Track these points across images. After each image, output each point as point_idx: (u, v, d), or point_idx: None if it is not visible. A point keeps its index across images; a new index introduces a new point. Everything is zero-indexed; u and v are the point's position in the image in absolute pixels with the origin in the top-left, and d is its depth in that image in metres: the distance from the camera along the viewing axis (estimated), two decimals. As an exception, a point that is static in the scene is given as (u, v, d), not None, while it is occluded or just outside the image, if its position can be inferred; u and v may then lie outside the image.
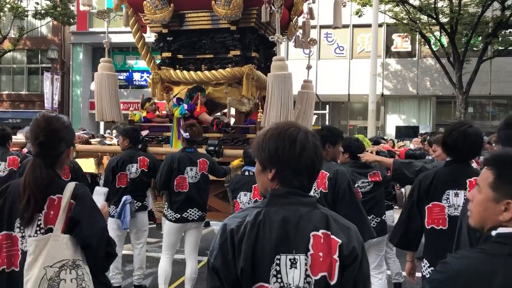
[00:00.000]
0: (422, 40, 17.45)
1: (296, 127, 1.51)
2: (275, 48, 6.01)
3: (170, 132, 5.56)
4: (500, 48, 16.99)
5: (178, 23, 5.74)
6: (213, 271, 1.45)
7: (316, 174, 1.54)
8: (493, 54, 17.32)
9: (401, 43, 20.85)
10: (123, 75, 22.60)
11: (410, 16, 16.80)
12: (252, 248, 1.41)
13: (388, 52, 21.06)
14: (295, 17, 6.39)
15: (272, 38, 4.96)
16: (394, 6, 17.04)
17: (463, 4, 15.76)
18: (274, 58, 5.00)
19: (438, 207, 2.65)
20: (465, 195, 2.59)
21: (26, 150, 5.53)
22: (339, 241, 1.42)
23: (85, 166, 5.04)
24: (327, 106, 19.04)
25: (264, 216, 1.45)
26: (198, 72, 5.66)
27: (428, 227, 2.67)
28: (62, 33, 23.37)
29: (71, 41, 23.17)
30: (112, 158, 4.99)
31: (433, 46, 17.14)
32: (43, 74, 21.35)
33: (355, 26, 20.51)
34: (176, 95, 5.75)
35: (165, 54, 5.84)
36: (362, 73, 18.78)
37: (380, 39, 18.81)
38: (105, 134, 9.92)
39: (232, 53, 5.60)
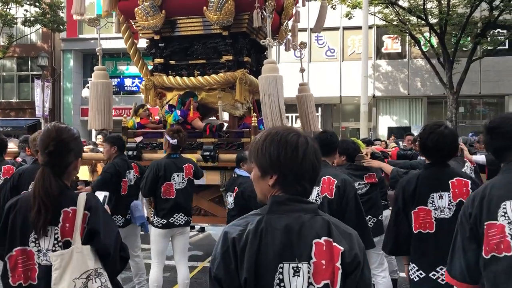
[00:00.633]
0: (412, 41, 17.57)
1: (295, 132, 1.49)
2: (267, 52, 6.03)
3: (163, 139, 5.54)
4: (489, 48, 17.16)
5: (169, 29, 5.74)
6: (215, 280, 1.42)
7: (317, 178, 1.54)
8: (482, 54, 17.49)
9: (391, 44, 20.98)
10: (114, 81, 22.47)
11: (400, 18, 16.92)
12: (255, 256, 1.39)
13: (379, 54, 21.19)
14: (286, 21, 6.42)
15: (264, 42, 4.99)
16: (384, 8, 17.16)
17: (452, 5, 15.91)
18: (265, 61, 5.03)
19: (424, 211, 2.62)
20: (449, 197, 2.59)
21: (20, 159, 5.49)
22: (341, 248, 1.41)
23: (79, 174, 5.01)
24: (319, 109, 19.11)
25: (266, 223, 1.43)
26: (191, 78, 5.66)
27: (415, 231, 2.63)
28: (52, 40, 23.25)
29: (61, 48, 23.06)
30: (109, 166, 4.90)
31: (423, 47, 17.27)
32: (33, 82, 21.21)
33: (345, 28, 20.62)
34: (169, 101, 5.74)
35: (157, 60, 5.84)
36: (353, 75, 18.88)
37: (370, 41, 18.91)
38: (97, 141, 9.88)
39: (224, 58, 5.61)
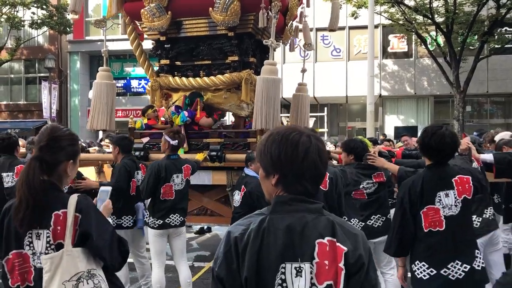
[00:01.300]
0: (418, 40, 17.47)
1: (298, 131, 1.48)
2: (270, 52, 6.02)
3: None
4: (496, 46, 17.03)
5: (175, 31, 5.76)
6: (217, 280, 1.42)
7: (321, 178, 1.51)
8: (489, 53, 17.36)
9: (398, 43, 20.89)
10: (121, 83, 22.61)
11: (406, 17, 16.83)
12: (256, 256, 1.39)
13: (385, 53, 21.10)
14: (290, 21, 6.43)
15: (266, 42, 4.99)
16: (390, 7, 17.08)
17: (459, 4, 15.80)
18: (266, 62, 5.03)
19: (433, 210, 2.69)
20: (454, 194, 2.69)
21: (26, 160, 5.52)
22: (345, 249, 1.39)
23: (85, 174, 5.03)
24: (325, 108, 19.04)
25: (268, 223, 1.42)
26: (197, 78, 5.69)
27: (426, 230, 2.70)
28: (59, 42, 23.39)
29: (68, 50, 23.20)
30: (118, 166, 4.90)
31: (429, 46, 17.17)
32: (40, 84, 21.37)
33: (351, 28, 20.56)
34: (175, 101, 5.77)
35: (163, 61, 5.87)
36: (359, 75, 18.83)
37: (376, 40, 18.84)
38: (102, 143, 9.90)
39: (230, 58, 5.63)
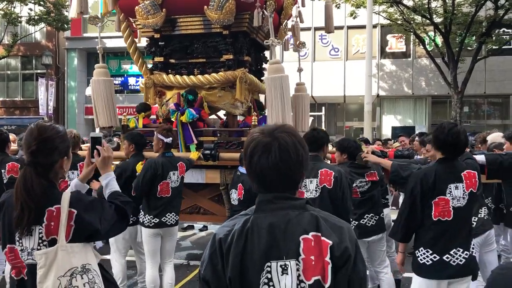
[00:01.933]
0: (417, 40, 17.49)
1: (261, 132, 1.46)
2: (267, 52, 6.03)
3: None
4: (494, 47, 17.04)
5: (170, 28, 5.74)
6: (204, 282, 1.43)
7: (292, 178, 1.46)
8: (487, 53, 17.38)
9: (396, 43, 20.90)
10: (118, 80, 22.55)
11: (404, 17, 16.83)
12: (240, 256, 1.38)
13: (383, 53, 21.11)
14: (285, 20, 6.42)
15: (267, 42, 4.98)
16: (388, 7, 17.08)
17: (457, 4, 15.81)
18: (270, 61, 5.02)
19: (444, 201, 2.90)
20: (463, 187, 2.91)
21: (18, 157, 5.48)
22: (330, 242, 1.38)
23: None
24: (323, 108, 19.06)
25: (252, 223, 1.42)
26: (191, 76, 5.66)
27: (435, 219, 2.91)
28: (56, 38, 23.33)
29: (66, 47, 23.13)
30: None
31: (427, 46, 17.19)
32: (37, 80, 21.28)
33: (349, 27, 20.56)
34: (169, 99, 5.74)
35: (157, 59, 5.84)
36: (357, 74, 18.82)
37: (374, 40, 18.83)
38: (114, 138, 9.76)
39: (224, 57, 5.61)
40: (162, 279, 4.43)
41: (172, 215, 4.33)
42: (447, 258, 2.90)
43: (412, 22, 16.72)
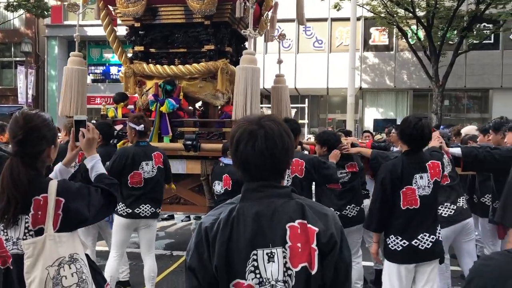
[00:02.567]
0: (399, 33, 17.61)
1: (248, 121, 1.47)
2: (247, 43, 6.00)
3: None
4: (475, 41, 17.26)
5: (150, 17, 5.67)
6: (190, 271, 1.43)
7: (281, 165, 1.48)
8: (468, 48, 17.60)
9: (379, 36, 21.03)
10: (100, 69, 22.25)
11: (388, 10, 16.92)
12: (226, 245, 1.39)
13: (366, 46, 21.22)
14: (266, 12, 6.40)
15: (245, 32, 4.96)
16: (372, -1, 17.17)
17: (439, -2, 15.95)
18: (245, 51, 5.00)
19: (411, 190, 3.09)
20: (428, 177, 3.11)
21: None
22: (316, 229, 1.39)
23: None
24: (306, 100, 19.11)
25: (238, 212, 1.43)
26: (172, 66, 5.62)
27: (403, 208, 3.09)
28: (36, 26, 22.84)
29: (46, 34, 22.67)
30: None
31: (410, 40, 17.31)
32: (16, 68, 20.86)
33: (333, 19, 20.60)
34: (149, 89, 5.70)
35: (137, 48, 5.78)
36: (341, 67, 18.92)
37: (358, 32, 18.91)
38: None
39: (206, 47, 5.58)
40: (144, 271, 4.36)
41: (147, 206, 4.15)
42: (416, 243, 3.08)
43: (395, 15, 16.82)
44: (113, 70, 22.64)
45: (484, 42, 17.66)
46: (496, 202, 4.00)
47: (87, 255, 2.07)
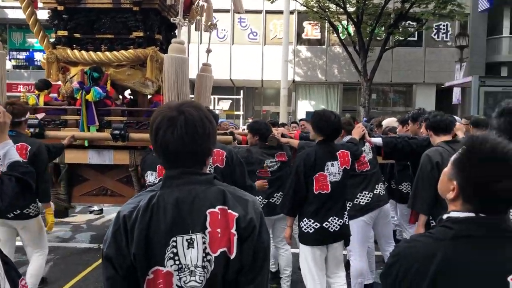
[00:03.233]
0: (331, 28, 18.12)
1: (176, 108, 1.45)
2: (177, 31, 5.91)
3: (68, 115, 5.26)
4: (401, 38, 18.17)
5: (75, 0, 5.40)
6: (106, 260, 1.40)
7: (203, 151, 1.47)
8: (394, 44, 18.49)
9: (311, 30, 21.52)
10: (23, 55, 20.89)
11: (320, 5, 17.35)
12: (145, 232, 1.38)
13: (299, 39, 21.64)
14: (197, 1, 6.32)
15: (174, 20, 4.86)
16: (305, -6, 17.50)
17: (369, -5, 16.58)
18: (173, 40, 4.91)
19: (323, 176, 3.40)
20: (338, 165, 3.45)
21: None
22: (236, 214, 1.41)
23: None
24: (241, 91, 19.18)
25: (158, 199, 1.42)
26: (98, 53, 5.40)
27: (316, 192, 3.39)
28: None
29: (-39, 16, 20.90)
30: None
31: (340, 35, 17.88)
32: None
33: (267, 12, 20.80)
34: (73, 76, 5.44)
35: (60, 33, 5.48)
36: (275, 59, 19.16)
37: (291, 26, 19.25)
38: None
39: (134, 34, 5.42)
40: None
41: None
42: (326, 225, 3.40)
43: (327, 10, 17.28)
44: (38, 56, 21.31)
45: (408, 39, 18.65)
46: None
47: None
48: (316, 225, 3.40)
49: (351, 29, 17.99)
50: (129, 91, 6.26)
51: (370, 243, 4.43)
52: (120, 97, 6.35)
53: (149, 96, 5.82)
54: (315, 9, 17.62)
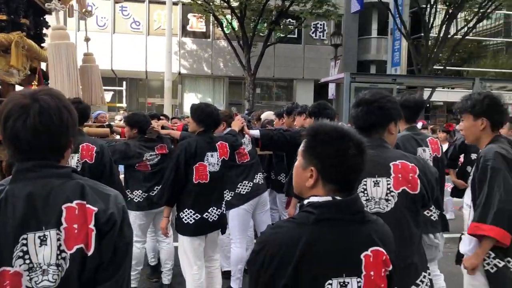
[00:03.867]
0: (215, 22, 18.24)
1: (30, 95, 1.35)
2: (55, 17, 5.49)
3: None
4: (281, 35, 18.97)
5: None
6: None
7: (60, 142, 1.40)
8: (276, 40, 19.23)
9: (196, 23, 21.44)
10: None
11: (204, -3, 17.36)
12: None
13: (184, 31, 21.44)
14: (70, -15, 5.92)
15: (49, 6, 4.52)
16: (189, -15, 17.35)
17: (252, -9, 16.99)
18: (53, 26, 4.57)
19: (202, 166, 3.50)
20: (217, 155, 3.57)
21: None
22: (95, 209, 1.35)
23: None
24: (124, 83, 18.43)
25: (6, 194, 1.31)
26: (-49, 36, 4.78)
27: (195, 182, 3.46)
28: None
29: None
30: None
31: (225, 29, 18.08)
32: None
33: (150, 2, 20.26)
34: None
35: None
36: (159, 50, 18.74)
37: (176, 17, 18.99)
38: None
39: (-4, 16, 4.89)
40: None
41: None
42: (206, 216, 3.49)
43: (211, 3, 17.33)
44: None
45: (289, 36, 19.56)
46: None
47: None
48: (196, 216, 3.45)
49: (235, 23, 18.31)
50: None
51: (250, 231, 4.60)
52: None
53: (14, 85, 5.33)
54: (199, 2, 17.57)
